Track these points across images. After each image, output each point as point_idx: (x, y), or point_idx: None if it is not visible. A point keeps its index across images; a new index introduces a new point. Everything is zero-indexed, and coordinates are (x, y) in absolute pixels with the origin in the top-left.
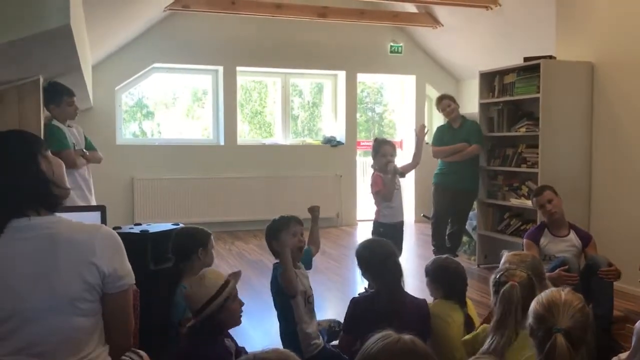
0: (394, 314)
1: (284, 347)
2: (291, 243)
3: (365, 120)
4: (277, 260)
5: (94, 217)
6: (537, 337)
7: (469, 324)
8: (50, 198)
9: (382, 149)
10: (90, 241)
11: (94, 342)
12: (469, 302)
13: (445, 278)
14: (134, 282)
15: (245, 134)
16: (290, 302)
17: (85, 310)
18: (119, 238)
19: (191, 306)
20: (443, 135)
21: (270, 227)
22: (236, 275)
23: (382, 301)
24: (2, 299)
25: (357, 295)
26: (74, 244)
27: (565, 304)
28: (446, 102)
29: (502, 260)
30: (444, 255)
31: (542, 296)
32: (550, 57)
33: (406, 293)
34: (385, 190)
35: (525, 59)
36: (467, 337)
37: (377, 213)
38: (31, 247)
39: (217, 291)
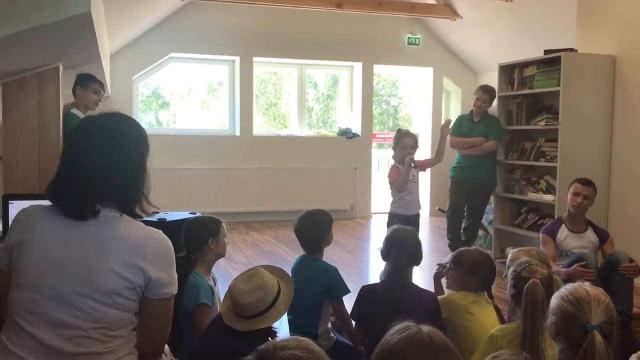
0: (397, 304)
1: None
2: (332, 236)
3: (380, 112)
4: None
5: None
6: (566, 336)
7: (499, 317)
8: (134, 207)
9: (403, 141)
10: (144, 245)
11: (123, 338)
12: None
13: (483, 271)
14: (176, 292)
15: (260, 126)
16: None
17: (121, 305)
18: (171, 247)
19: (243, 311)
20: (462, 126)
21: (324, 221)
22: None
23: (384, 289)
24: (47, 273)
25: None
26: (128, 243)
27: (595, 299)
28: (484, 96)
29: (509, 258)
30: (473, 248)
31: (565, 293)
32: (572, 49)
33: (413, 285)
34: (400, 181)
35: (546, 52)
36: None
37: (392, 204)
38: (89, 233)
39: (274, 298)
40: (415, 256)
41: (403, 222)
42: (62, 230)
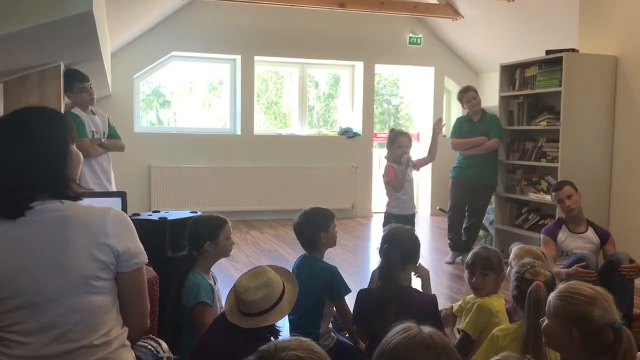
0: (394, 300)
1: None
2: (333, 236)
3: (380, 112)
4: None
5: (114, 203)
6: (592, 341)
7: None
8: (65, 190)
9: (398, 140)
10: (102, 222)
11: (111, 322)
12: None
13: (501, 270)
14: (147, 261)
15: (261, 125)
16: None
17: (100, 289)
18: (128, 218)
19: (248, 308)
20: (461, 128)
21: (320, 219)
22: None
23: (378, 286)
24: (19, 281)
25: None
26: (86, 225)
27: (606, 297)
28: (472, 94)
29: (512, 255)
30: (479, 247)
31: (574, 295)
32: (573, 50)
33: (411, 288)
34: (396, 181)
35: (548, 52)
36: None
37: (388, 204)
38: (45, 229)
39: (279, 297)
40: (411, 255)
41: (399, 222)
42: (18, 236)
